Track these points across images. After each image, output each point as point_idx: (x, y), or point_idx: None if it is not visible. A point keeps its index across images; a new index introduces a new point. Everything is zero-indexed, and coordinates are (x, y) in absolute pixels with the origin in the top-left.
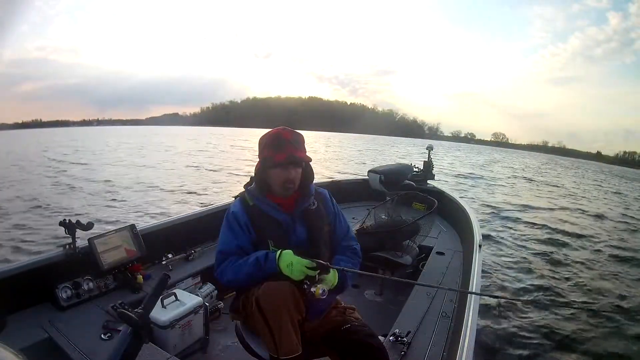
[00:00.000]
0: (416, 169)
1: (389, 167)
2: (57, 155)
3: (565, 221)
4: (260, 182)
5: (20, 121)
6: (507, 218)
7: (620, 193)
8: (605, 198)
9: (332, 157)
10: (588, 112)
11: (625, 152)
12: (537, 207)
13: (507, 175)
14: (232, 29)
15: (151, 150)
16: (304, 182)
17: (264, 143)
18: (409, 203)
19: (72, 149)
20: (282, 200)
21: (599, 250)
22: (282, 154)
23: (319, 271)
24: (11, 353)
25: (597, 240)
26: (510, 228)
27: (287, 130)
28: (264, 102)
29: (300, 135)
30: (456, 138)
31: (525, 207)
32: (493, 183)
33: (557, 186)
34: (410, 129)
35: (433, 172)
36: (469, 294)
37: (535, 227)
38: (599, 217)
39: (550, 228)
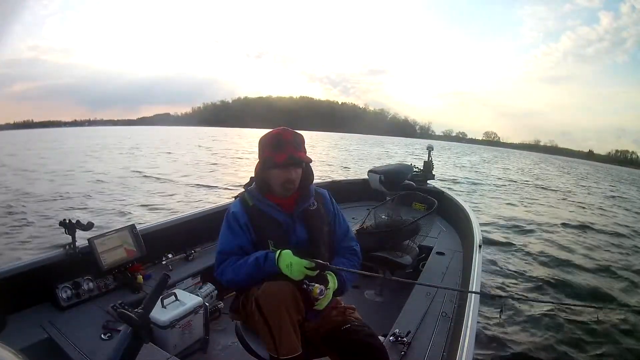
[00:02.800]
0: (416, 169)
1: (389, 167)
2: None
3: (568, 225)
4: (260, 182)
5: (12, 122)
6: (504, 225)
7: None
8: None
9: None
10: (579, 110)
11: (617, 151)
12: (536, 212)
13: (503, 182)
14: (224, 29)
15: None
16: (304, 183)
17: (264, 143)
18: (409, 203)
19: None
20: (282, 200)
21: (602, 250)
22: (282, 155)
23: (318, 271)
24: (11, 353)
25: (602, 243)
26: (509, 235)
27: (288, 130)
28: (255, 102)
29: (301, 136)
30: (448, 137)
31: (525, 213)
32: (488, 190)
33: (558, 191)
34: (401, 128)
35: (433, 172)
36: (469, 293)
37: (537, 233)
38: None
39: (552, 233)
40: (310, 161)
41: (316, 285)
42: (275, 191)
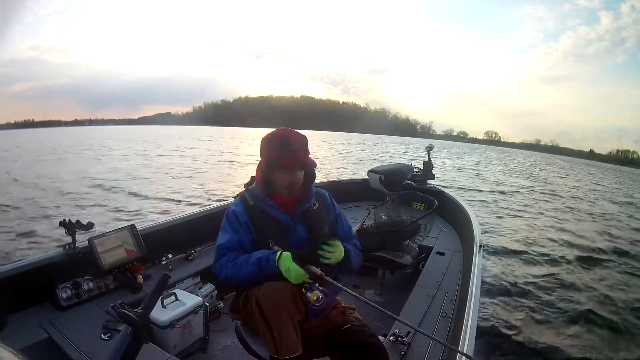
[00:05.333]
0: (416, 169)
1: (389, 167)
2: None
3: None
4: (263, 183)
5: (12, 121)
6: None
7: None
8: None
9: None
10: (579, 110)
11: (618, 151)
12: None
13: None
14: (225, 29)
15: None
16: (305, 183)
17: (268, 145)
18: (409, 203)
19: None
20: (283, 200)
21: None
22: (289, 158)
23: (315, 281)
24: (11, 353)
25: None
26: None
27: (292, 132)
28: (256, 102)
29: (305, 137)
30: (449, 137)
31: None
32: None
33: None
34: (402, 128)
35: (433, 172)
36: (468, 294)
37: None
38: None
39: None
40: (316, 165)
41: (315, 291)
42: (280, 192)
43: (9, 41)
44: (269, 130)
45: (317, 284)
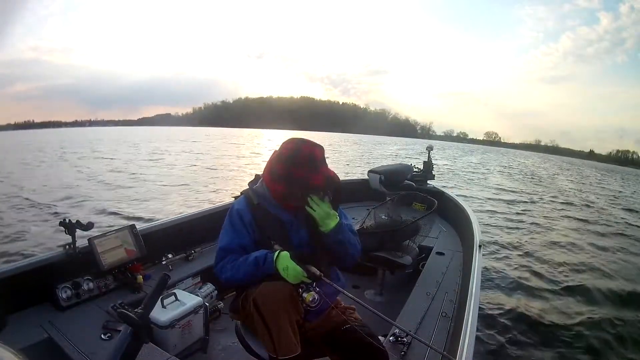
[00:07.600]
0: (416, 169)
1: (389, 167)
2: None
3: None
4: (282, 194)
5: (12, 122)
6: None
7: None
8: None
9: None
10: (579, 110)
11: (618, 151)
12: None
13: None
14: (225, 30)
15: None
16: None
17: (292, 160)
18: (409, 203)
19: None
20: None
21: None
22: (319, 177)
23: (313, 281)
24: (11, 353)
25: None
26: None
27: (317, 148)
28: (256, 102)
29: (323, 150)
30: (449, 137)
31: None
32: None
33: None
34: (402, 128)
35: (433, 172)
36: (468, 294)
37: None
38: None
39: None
40: (337, 181)
41: (311, 292)
42: (292, 201)
43: (9, 41)
44: (269, 131)
45: (314, 285)
